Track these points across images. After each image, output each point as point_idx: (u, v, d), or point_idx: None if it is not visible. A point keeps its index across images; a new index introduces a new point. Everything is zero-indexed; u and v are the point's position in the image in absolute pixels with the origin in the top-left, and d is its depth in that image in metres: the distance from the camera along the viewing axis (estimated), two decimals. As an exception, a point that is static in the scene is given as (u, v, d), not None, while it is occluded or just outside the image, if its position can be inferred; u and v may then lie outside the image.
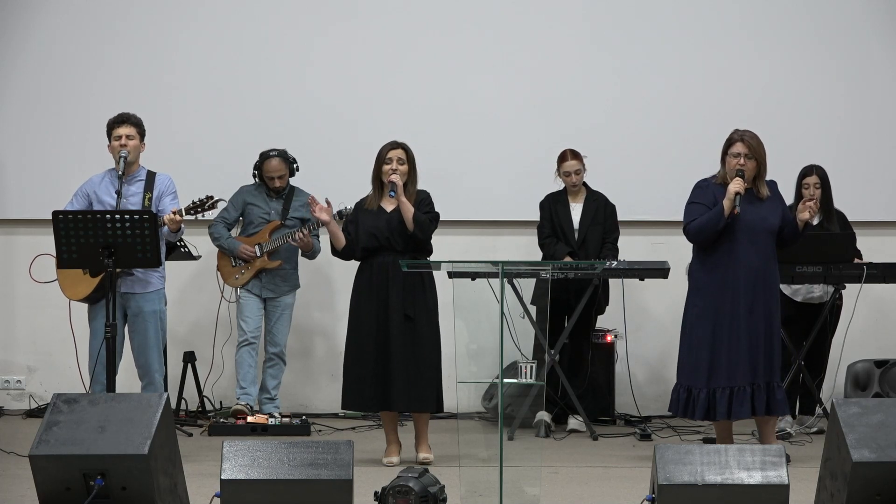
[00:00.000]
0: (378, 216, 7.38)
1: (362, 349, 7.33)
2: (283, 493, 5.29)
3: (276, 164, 8.75)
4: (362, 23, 9.42)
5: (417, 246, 7.36)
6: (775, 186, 7.23)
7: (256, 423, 8.33)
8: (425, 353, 7.30)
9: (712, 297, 7.11)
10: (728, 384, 7.05)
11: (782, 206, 7.20)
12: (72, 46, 9.36)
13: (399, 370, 7.25)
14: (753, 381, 7.05)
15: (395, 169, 7.32)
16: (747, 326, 7.06)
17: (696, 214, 7.12)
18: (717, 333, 7.08)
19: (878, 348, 9.23)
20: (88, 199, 7.63)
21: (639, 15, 9.43)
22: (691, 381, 7.13)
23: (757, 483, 5.27)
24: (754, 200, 7.10)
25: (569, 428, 8.57)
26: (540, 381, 6.73)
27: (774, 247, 7.15)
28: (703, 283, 7.17)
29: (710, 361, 7.08)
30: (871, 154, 9.43)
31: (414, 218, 7.28)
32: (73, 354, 7.74)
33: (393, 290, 7.29)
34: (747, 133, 7.09)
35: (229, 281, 8.80)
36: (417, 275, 7.27)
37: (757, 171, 7.09)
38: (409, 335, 7.28)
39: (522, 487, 6.50)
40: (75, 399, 5.44)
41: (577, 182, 8.64)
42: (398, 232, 7.32)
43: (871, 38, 9.44)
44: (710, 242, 7.12)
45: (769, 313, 7.10)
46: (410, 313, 7.29)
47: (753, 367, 7.06)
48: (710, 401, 7.07)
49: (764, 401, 7.06)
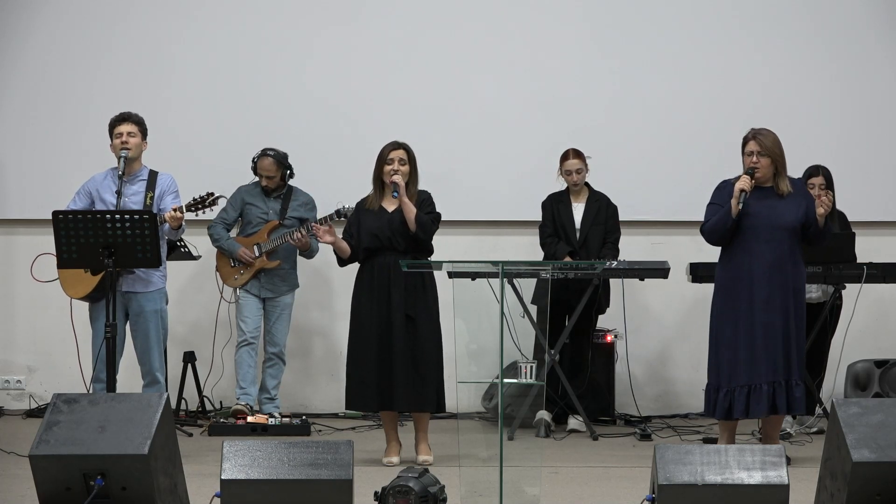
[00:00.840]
0: (379, 216, 7.37)
1: (365, 349, 7.32)
2: (283, 493, 5.29)
3: (268, 163, 8.75)
4: (362, 23, 9.42)
5: (419, 246, 7.36)
6: (800, 183, 7.24)
7: (256, 423, 8.33)
8: (426, 354, 7.30)
9: (729, 296, 7.13)
10: (747, 382, 7.05)
11: (807, 203, 7.13)
12: (72, 46, 9.36)
13: (401, 370, 7.24)
14: (774, 380, 7.04)
15: (396, 170, 7.32)
16: (763, 324, 7.04)
17: (711, 215, 7.14)
18: (736, 331, 7.09)
19: (878, 348, 9.23)
20: (90, 197, 7.64)
21: (639, 15, 9.43)
22: (717, 380, 7.16)
23: (757, 483, 5.27)
24: (772, 197, 7.09)
25: (569, 428, 8.57)
26: (540, 381, 6.73)
27: (794, 244, 7.11)
28: (722, 281, 7.19)
29: (731, 360, 7.10)
30: (871, 154, 9.43)
31: (416, 218, 7.28)
32: (73, 354, 7.74)
33: (395, 291, 7.28)
34: (761, 131, 7.10)
35: (228, 281, 8.80)
36: (419, 275, 7.26)
37: (774, 168, 7.09)
38: (410, 335, 7.28)
39: (522, 487, 6.50)
40: (75, 399, 5.44)
41: (579, 181, 8.64)
42: (400, 232, 7.32)
43: (870, 38, 9.44)
44: (724, 242, 7.14)
45: (786, 310, 7.06)
46: (412, 313, 7.28)
47: (773, 365, 7.04)
48: (730, 400, 7.08)
49: (784, 399, 7.05)
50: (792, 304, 7.10)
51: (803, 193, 7.18)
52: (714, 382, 7.17)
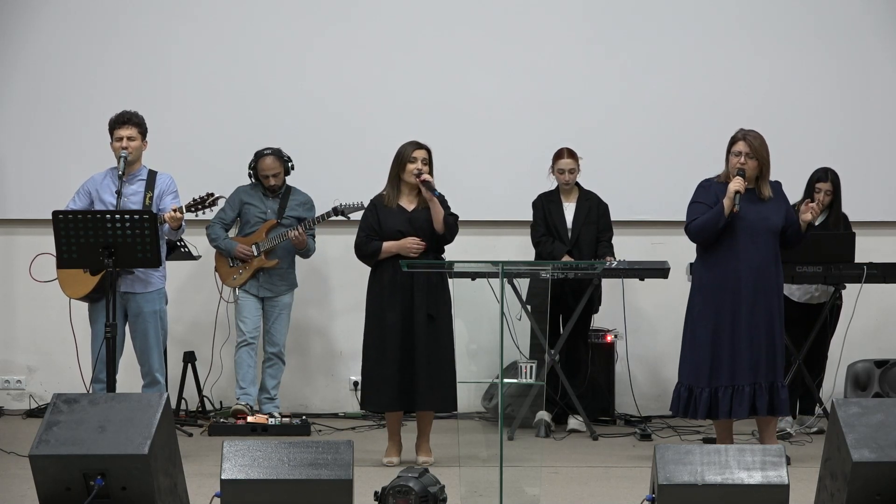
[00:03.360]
0: (400, 215, 7.33)
1: (385, 349, 7.25)
2: (283, 493, 5.28)
3: (270, 161, 8.76)
4: (361, 23, 9.42)
5: (439, 246, 7.34)
6: (779, 187, 7.23)
7: (256, 423, 8.33)
8: (445, 353, 7.25)
9: (713, 296, 7.12)
10: (730, 383, 7.06)
11: (786, 207, 7.19)
12: (72, 46, 9.35)
13: (423, 370, 7.19)
14: (755, 381, 7.05)
15: (421, 169, 7.29)
16: (748, 325, 7.06)
17: (697, 214, 7.13)
18: (718, 332, 7.09)
19: (878, 348, 9.23)
20: (90, 196, 7.64)
21: (639, 15, 9.43)
22: (692, 380, 7.13)
23: (757, 483, 5.27)
24: (756, 200, 7.10)
25: (569, 428, 8.57)
26: (540, 381, 6.73)
27: (777, 247, 7.15)
28: (705, 281, 7.17)
29: (712, 360, 7.09)
30: (872, 154, 9.43)
31: (444, 219, 7.25)
32: (73, 354, 7.74)
33: (417, 290, 7.23)
34: (750, 133, 7.10)
35: (227, 281, 8.80)
36: (438, 274, 7.22)
37: (759, 171, 7.09)
38: (432, 335, 7.22)
39: (522, 487, 6.50)
40: (75, 399, 5.44)
41: (571, 181, 8.64)
42: (423, 231, 7.27)
43: (870, 39, 9.43)
44: (711, 241, 7.12)
45: (770, 312, 7.09)
46: (433, 313, 7.23)
47: (755, 367, 7.05)
48: (713, 400, 7.08)
49: (766, 401, 7.06)
50: (776, 306, 7.12)
51: (783, 197, 7.21)
52: (687, 381, 7.16)
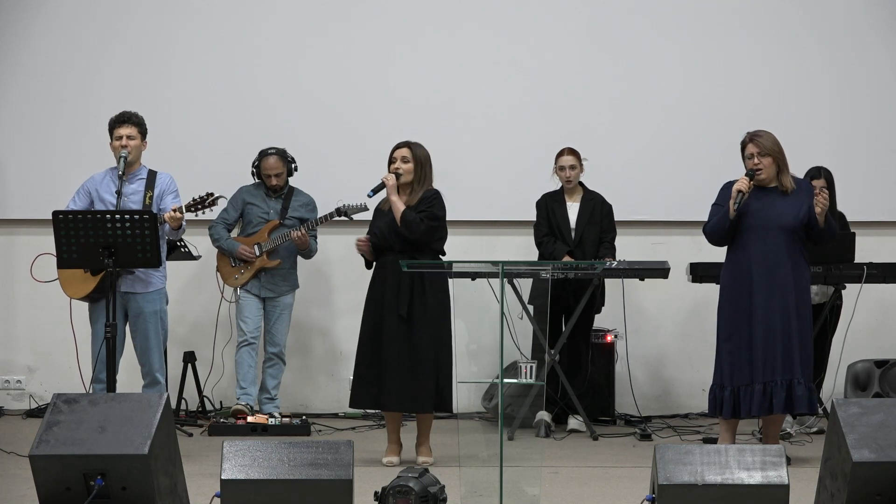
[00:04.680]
0: (385, 216, 7.37)
1: (363, 348, 7.31)
2: (283, 493, 5.28)
3: (273, 161, 8.76)
4: (361, 22, 9.42)
5: (414, 246, 7.32)
6: (805, 183, 7.25)
7: (256, 423, 8.33)
8: (421, 353, 7.22)
9: (731, 295, 7.16)
10: (749, 381, 7.07)
11: (810, 202, 7.12)
12: (72, 46, 9.36)
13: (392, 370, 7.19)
14: (772, 379, 7.04)
15: (396, 167, 7.32)
16: (763, 323, 7.06)
17: (713, 215, 7.19)
18: (736, 331, 7.11)
19: (878, 348, 9.23)
20: (90, 196, 7.64)
21: (639, 15, 9.43)
22: (717, 379, 7.20)
23: (757, 483, 5.27)
24: (775, 196, 7.11)
25: (569, 428, 8.56)
26: (540, 381, 6.73)
27: (794, 243, 7.12)
28: (726, 281, 7.24)
29: (732, 359, 7.11)
30: (871, 154, 9.43)
31: (402, 215, 7.25)
32: (73, 354, 7.74)
33: (389, 291, 7.26)
34: (758, 133, 7.13)
35: (229, 281, 8.80)
36: (418, 275, 7.23)
37: (776, 166, 7.11)
38: (403, 336, 7.21)
39: (522, 487, 6.50)
40: (75, 399, 5.43)
41: (573, 178, 8.63)
42: (396, 232, 7.30)
43: (870, 40, 9.44)
44: (724, 242, 7.19)
45: (786, 309, 7.06)
46: (404, 313, 7.24)
47: (771, 365, 7.05)
48: (735, 399, 7.09)
49: (783, 398, 7.05)
50: (793, 303, 7.09)
51: (807, 192, 7.18)
52: (718, 381, 7.20)
